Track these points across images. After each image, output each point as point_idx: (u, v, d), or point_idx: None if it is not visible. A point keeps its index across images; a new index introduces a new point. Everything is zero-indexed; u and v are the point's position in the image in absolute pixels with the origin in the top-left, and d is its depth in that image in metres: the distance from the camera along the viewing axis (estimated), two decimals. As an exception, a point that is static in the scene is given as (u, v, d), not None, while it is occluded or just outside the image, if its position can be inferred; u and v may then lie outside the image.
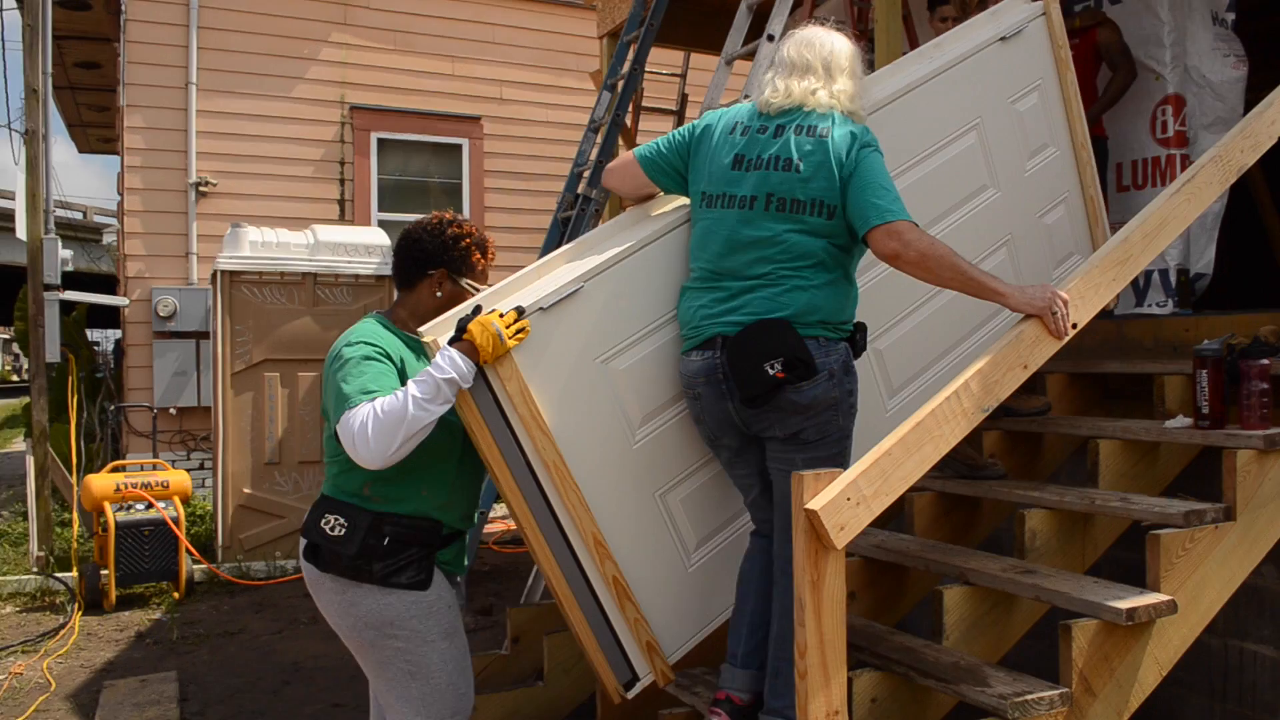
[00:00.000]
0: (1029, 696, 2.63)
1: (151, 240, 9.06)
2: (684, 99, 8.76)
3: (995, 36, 3.63)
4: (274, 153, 9.47)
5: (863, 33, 5.79)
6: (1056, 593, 2.90)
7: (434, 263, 2.85)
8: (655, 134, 10.02)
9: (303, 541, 2.83)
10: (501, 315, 2.65)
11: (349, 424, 2.53)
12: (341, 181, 9.75)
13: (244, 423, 7.34)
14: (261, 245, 7.52)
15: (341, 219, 9.62)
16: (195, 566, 6.84)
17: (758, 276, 2.75)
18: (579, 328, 2.81)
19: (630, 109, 7.57)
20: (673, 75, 8.92)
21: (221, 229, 8.20)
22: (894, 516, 3.70)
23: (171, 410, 8.85)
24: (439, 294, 2.86)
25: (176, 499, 6.71)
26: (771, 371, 2.64)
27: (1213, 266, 4.75)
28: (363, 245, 7.79)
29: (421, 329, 2.75)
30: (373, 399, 2.54)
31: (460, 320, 2.65)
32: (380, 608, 2.71)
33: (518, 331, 2.66)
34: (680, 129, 3.04)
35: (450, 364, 2.55)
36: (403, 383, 2.64)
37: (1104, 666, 2.76)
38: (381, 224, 9.49)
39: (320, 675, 5.11)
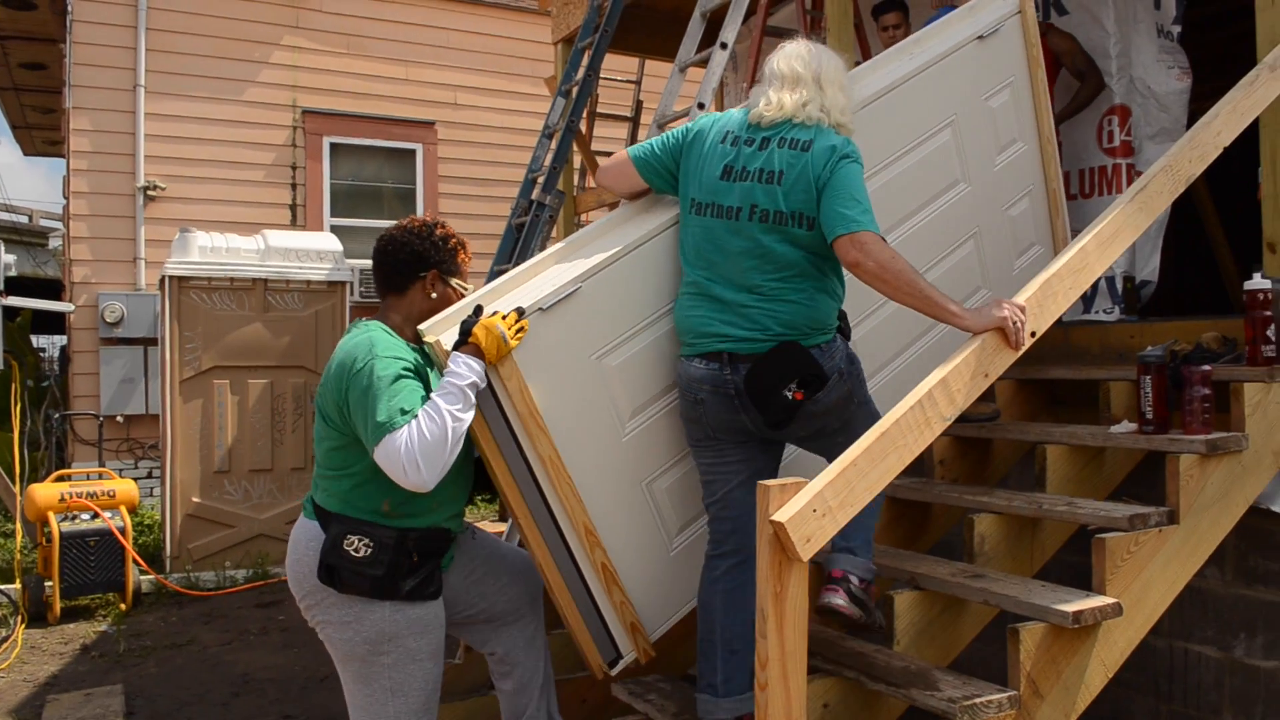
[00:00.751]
0: (978, 700, 2.66)
1: (98, 245, 8.90)
2: (639, 105, 8.79)
3: (973, 35, 3.73)
4: (224, 156, 9.35)
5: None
6: (1005, 596, 2.93)
7: (426, 265, 2.87)
8: (610, 140, 10.07)
9: (291, 552, 2.81)
10: (504, 317, 2.71)
11: (392, 449, 2.53)
12: (293, 186, 9.64)
13: (193, 431, 7.23)
14: (211, 250, 7.41)
15: (293, 224, 9.52)
16: (143, 577, 6.72)
17: (749, 289, 2.85)
18: (575, 326, 2.92)
19: (585, 115, 7.57)
20: (628, 82, 8.94)
21: (170, 233, 8.07)
22: (846, 522, 3.72)
23: (118, 418, 8.70)
24: (433, 295, 2.89)
25: (123, 509, 6.59)
26: (790, 395, 2.76)
27: (1158, 274, 4.83)
28: (314, 251, 7.71)
29: (421, 327, 2.80)
30: (409, 421, 2.55)
31: (464, 323, 2.71)
32: (386, 624, 2.71)
33: (518, 331, 2.72)
34: (674, 131, 3.12)
35: (468, 369, 2.62)
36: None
37: (1051, 669, 2.80)
38: (334, 229, 9.39)
39: (271, 687, 5.04)
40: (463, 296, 2.91)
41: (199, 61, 9.27)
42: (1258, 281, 3.39)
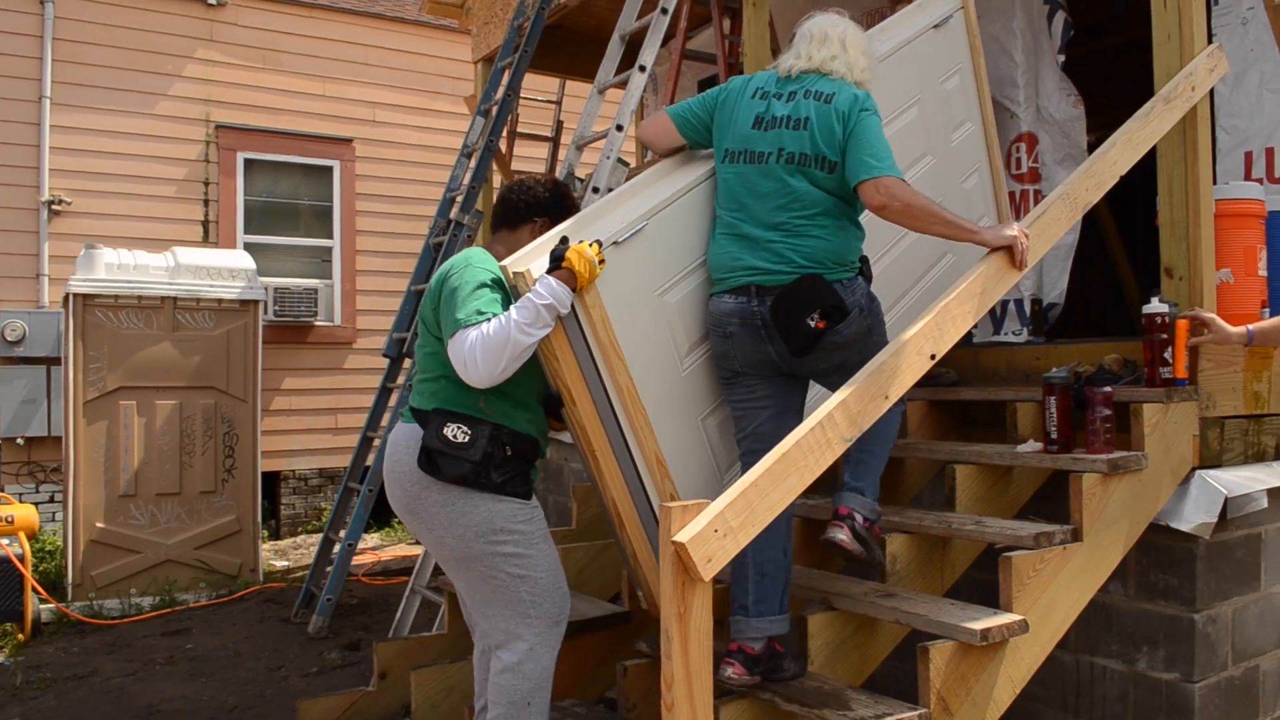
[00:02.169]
0: (888, 719, 2.68)
1: (-1, 260, 8.61)
2: (559, 125, 8.79)
3: (929, 24, 4.05)
4: (134, 171, 9.10)
5: (733, 66, 5.91)
6: (916, 615, 2.97)
7: (542, 212, 3.25)
8: (530, 159, 10.00)
9: (391, 454, 3.03)
10: (590, 245, 2.87)
11: (460, 344, 2.80)
12: (206, 202, 9.43)
13: (97, 453, 7.00)
14: (118, 267, 7.20)
15: (206, 241, 9.30)
16: (43, 606, 6.47)
17: (776, 226, 3.08)
18: (642, 262, 3.10)
19: (505, 134, 7.55)
20: (548, 102, 8.95)
21: (76, 249, 7.83)
22: (762, 542, 3.74)
23: (19, 440, 8.38)
24: (537, 241, 3.12)
25: (22, 535, 6.34)
26: (812, 324, 2.97)
27: (1064, 296, 4.96)
28: (226, 269, 7.53)
29: (504, 262, 2.97)
30: (481, 322, 2.80)
31: (554, 251, 2.85)
32: (491, 515, 2.95)
33: (600, 262, 2.89)
34: (709, 91, 3.38)
35: (549, 291, 2.79)
36: None
37: (960, 686, 2.83)
38: (248, 247, 9.19)
39: (177, 719, 4.88)
40: None
41: (108, 73, 9.03)
42: (1155, 305, 3.50)
